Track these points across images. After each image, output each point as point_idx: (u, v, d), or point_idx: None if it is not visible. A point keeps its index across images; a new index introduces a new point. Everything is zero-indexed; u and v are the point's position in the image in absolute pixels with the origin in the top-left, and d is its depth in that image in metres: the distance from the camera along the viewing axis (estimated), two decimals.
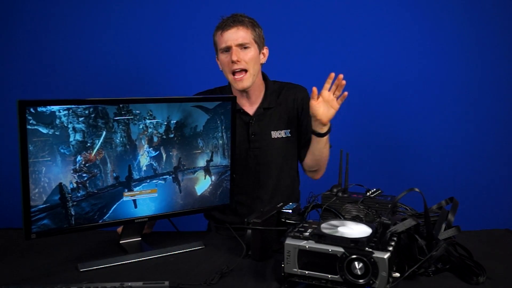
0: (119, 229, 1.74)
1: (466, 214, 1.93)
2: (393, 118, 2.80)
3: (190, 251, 1.63)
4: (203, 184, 1.71)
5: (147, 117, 1.56)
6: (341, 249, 1.25)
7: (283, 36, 2.70)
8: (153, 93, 2.63)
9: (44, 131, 1.39)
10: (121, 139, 1.53)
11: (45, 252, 1.60)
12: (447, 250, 1.40)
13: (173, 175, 1.64)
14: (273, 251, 1.56)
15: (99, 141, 1.49)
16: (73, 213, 1.47)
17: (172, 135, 1.62)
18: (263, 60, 1.99)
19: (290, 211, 1.61)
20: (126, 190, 1.57)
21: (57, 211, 1.45)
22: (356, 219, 1.51)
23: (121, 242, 1.66)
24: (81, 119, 1.45)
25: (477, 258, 1.45)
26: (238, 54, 1.87)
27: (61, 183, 1.44)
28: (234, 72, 1.89)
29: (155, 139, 1.59)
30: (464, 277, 1.40)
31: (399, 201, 1.47)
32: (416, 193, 1.39)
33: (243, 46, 1.89)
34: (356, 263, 1.23)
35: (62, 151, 1.43)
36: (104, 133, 1.50)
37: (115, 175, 1.53)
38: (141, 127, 1.56)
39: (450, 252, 1.41)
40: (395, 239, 1.30)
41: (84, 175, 1.48)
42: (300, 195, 2.12)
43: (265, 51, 1.99)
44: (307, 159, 2.00)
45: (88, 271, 1.46)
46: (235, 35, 1.88)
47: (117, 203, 1.56)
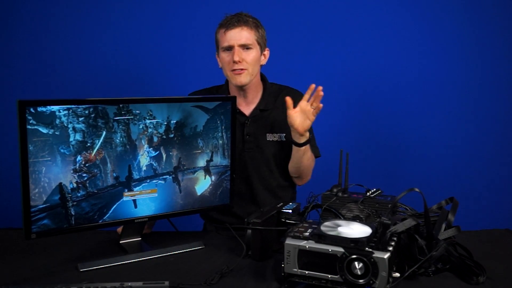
0: (119, 229, 1.74)
1: (466, 214, 1.93)
2: (393, 118, 2.80)
3: (190, 251, 1.62)
4: (203, 184, 1.71)
5: (147, 117, 1.56)
6: (341, 249, 1.25)
7: (283, 37, 2.69)
8: (153, 93, 2.63)
9: (44, 131, 1.39)
10: (121, 139, 1.53)
11: (45, 252, 1.60)
12: (447, 250, 1.40)
13: (173, 175, 1.64)
14: (273, 251, 1.56)
15: (99, 141, 1.49)
16: (73, 213, 1.47)
17: (172, 135, 1.62)
18: (264, 61, 1.98)
19: (290, 211, 1.61)
20: (126, 190, 1.57)
21: (57, 211, 1.45)
22: (356, 219, 1.51)
23: (121, 242, 1.66)
24: (81, 119, 1.45)
25: (477, 258, 1.45)
26: (240, 55, 1.87)
27: (61, 183, 1.44)
28: (233, 70, 1.89)
29: (155, 139, 1.59)
30: (464, 277, 1.40)
31: (399, 201, 1.48)
32: (416, 193, 1.39)
33: (245, 47, 1.89)
34: (356, 263, 1.23)
35: (62, 151, 1.43)
36: (104, 133, 1.50)
37: (115, 175, 1.53)
38: (141, 127, 1.56)
39: (450, 252, 1.41)
40: (395, 239, 1.30)
41: (84, 175, 1.48)
42: (296, 198, 2.12)
43: (266, 53, 1.99)
44: (289, 165, 1.99)
45: (88, 271, 1.46)
46: (239, 35, 1.87)
47: (117, 203, 1.56)
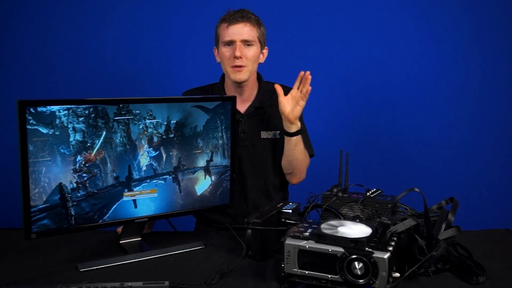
0: (119, 229, 1.74)
1: (466, 214, 1.93)
2: (393, 118, 2.80)
3: (190, 251, 1.62)
4: (203, 184, 1.71)
5: (147, 117, 1.56)
6: (341, 249, 1.25)
7: (282, 36, 2.69)
8: (153, 93, 2.63)
9: (44, 131, 1.39)
10: (121, 139, 1.53)
11: (45, 252, 1.60)
12: (447, 250, 1.40)
13: (173, 175, 1.64)
14: (273, 251, 1.56)
15: (99, 141, 1.49)
16: (73, 213, 1.47)
17: (172, 135, 1.62)
18: (262, 59, 1.99)
19: (290, 211, 1.61)
20: (126, 190, 1.57)
21: (57, 211, 1.45)
22: (356, 219, 1.51)
23: (121, 242, 1.66)
24: (81, 119, 1.45)
25: (477, 258, 1.46)
26: (241, 50, 1.88)
27: (61, 183, 1.44)
28: (232, 66, 1.89)
29: (155, 139, 1.59)
30: (464, 277, 1.40)
31: (399, 201, 1.47)
32: (416, 193, 1.39)
33: (247, 43, 1.89)
34: (356, 263, 1.23)
35: (62, 151, 1.43)
36: (104, 133, 1.49)
37: (115, 175, 1.53)
38: (141, 127, 1.56)
39: (450, 252, 1.41)
40: (395, 239, 1.30)
41: (84, 175, 1.48)
42: (290, 199, 2.12)
43: (265, 51, 2.00)
44: (282, 160, 1.98)
45: (88, 271, 1.46)
46: (241, 31, 1.88)
47: (117, 203, 1.56)
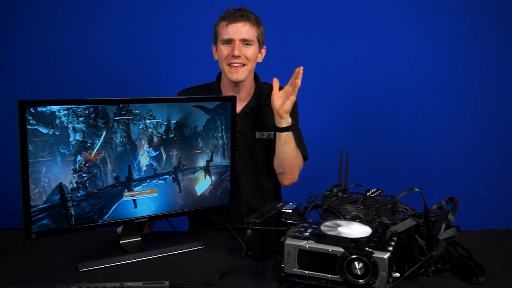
0: (119, 229, 1.74)
1: (466, 214, 1.93)
2: (393, 118, 2.80)
3: (190, 251, 1.63)
4: (203, 184, 1.71)
5: (147, 117, 1.56)
6: (341, 249, 1.25)
7: (282, 36, 2.69)
8: (153, 93, 2.63)
9: (44, 131, 1.39)
10: (121, 139, 1.53)
11: (45, 252, 1.60)
12: (447, 250, 1.40)
13: (173, 175, 1.64)
14: (273, 251, 1.56)
15: (99, 141, 1.49)
16: (73, 213, 1.47)
17: (172, 135, 1.62)
18: (260, 59, 1.99)
19: (290, 211, 1.61)
20: (126, 190, 1.57)
21: (57, 211, 1.45)
22: (356, 219, 1.51)
23: (121, 242, 1.66)
24: (81, 119, 1.45)
25: (477, 258, 1.46)
26: (240, 49, 1.88)
27: (61, 183, 1.44)
28: (230, 65, 1.89)
29: (155, 139, 1.59)
30: (464, 277, 1.40)
31: (399, 201, 1.47)
32: (416, 193, 1.39)
33: (246, 42, 1.89)
34: (356, 263, 1.23)
35: (62, 151, 1.43)
36: (104, 133, 1.49)
37: (115, 175, 1.53)
38: (141, 127, 1.56)
39: (450, 252, 1.41)
40: (395, 239, 1.30)
41: (84, 175, 1.48)
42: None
43: (263, 51, 1.99)
44: (274, 159, 1.96)
45: (88, 271, 1.46)
46: (241, 30, 1.88)
47: (117, 203, 1.55)
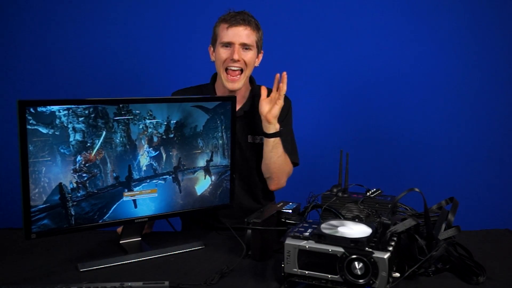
0: (119, 229, 1.74)
1: (466, 214, 1.93)
2: (393, 118, 2.80)
3: (190, 251, 1.63)
4: (203, 184, 1.71)
5: (147, 117, 1.56)
6: (341, 249, 1.25)
7: (281, 36, 2.69)
8: (153, 93, 2.62)
9: (44, 131, 1.39)
10: (121, 139, 1.53)
11: (45, 252, 1.60)
12: (447, 250, 1.40)
13: (173, 175, 1.64)
14: (273, 251, 1.56)
15: (99, 141, 1.49)
16: (73, 213, 1.47)
17: (172, 135, 1.62)
18: (257, 63, 1.97)
19: (290, 211, 1.61)
20: (126, 190, 1.57)
21: (57, 211, 1.45)
22: (356, 219, 1.51)
23: (121, 242, 1.66)
24: (81, 119, 1.45)
25: (477, 258, 1.46)
26: (239, 53, 1.87)
27: (61, 183, 1.44)
28: (227, 68, 1.88)
29: (155, 139, 1.59)
30: (464, 277, 1.40)
31: (399, 201, 1.47)
32: (416, 193, 1.39)
33: (245, 46, 1.89)
34: (356, 263, 1.23)
35: (62, 151, 1.43)
36: (104, 133, 1.49)
37: (115, 175, 1.53)
38: (141, 127, 1.56)
39: (450, 252, 1.41)
40: (395, 239, 1.30)
41: (84, 175, 1.48)
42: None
43: (260, 55, 1.98)
44: (262, 164, 1.95)
45: (88, 271, 1.46)
46: (242, 34, 1.87)
47: (117, 203, 1.55)
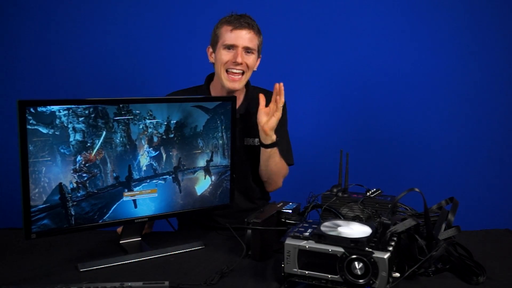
0: (119, 229, 1.74)
1: (466, 214, 1.93)
2: (393, 118, 2.80)
3: (190, 251, 1.63)
4: (203, 184, 1.71)
5: (147, 117, 1.56)
6: (341, 249, 1.25)
7: (280, 36, 2.69)
8: (153, 93, 2.63)
9: (44, 131, 1.39)
10: (121, 139, 1.53)
11: (45, 252, 1.60)
12: (447, 250, 1.40)
13: (173, 175, 1.64)
14: (273, 251, 1.57)
15: (99, 141, 1.49)
16: (73, 213, 1.47)
17: (172, 135, 1.62)
18: (255, 67, 1.97)
19: (290, 211, 1.61)
20: (126, 190, 1.56)
21: (57, 211, 1.45)
22: (356, 219, 1.51)
23: (121, 242, 1.66)
24: (81, 119, 1.45)
25: (477, 258, 1.46)
26: (242, 57, 1.87)
27: (61, 183, 1.44)
28: (228, 70, 1.89)
29: (155, 139, 1.59)
30: (464, 277, 1.40)
31: (399, 201, 1.48)
32: (416, 193, 1.39)
33: (248, 50, 1.89)
34: (356, 263, 1.23)
35: (62, 151, 1.43)
36: (104, 133, 1.49)
37: (115, 175, 1.53)
38: (141, 127, 1.56)
39: (450, 252, 1.41)
40: (395, 239, 1.30)
41: (84, 175, 1.48)
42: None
43: (258, 60, 1.98)
44: (259, 167, 1.97)
45: (88, 271, 1.46)
46: (245, 37, 1.87)
47: (117, 203, 1.55)
